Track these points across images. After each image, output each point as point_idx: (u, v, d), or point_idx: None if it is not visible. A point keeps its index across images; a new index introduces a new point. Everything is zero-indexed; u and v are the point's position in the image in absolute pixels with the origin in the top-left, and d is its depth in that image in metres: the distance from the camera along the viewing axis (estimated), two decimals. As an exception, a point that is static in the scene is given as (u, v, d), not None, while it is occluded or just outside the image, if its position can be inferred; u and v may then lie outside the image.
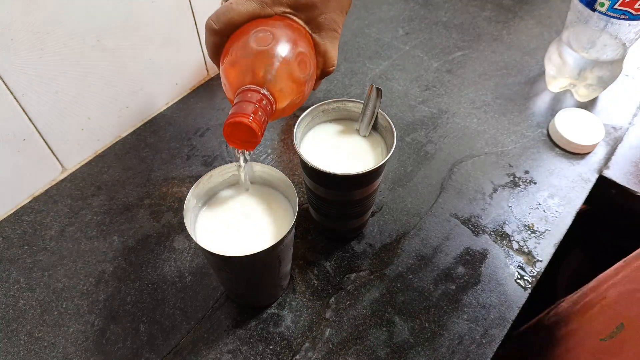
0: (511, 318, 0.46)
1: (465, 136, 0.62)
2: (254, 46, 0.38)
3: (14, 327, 0.45)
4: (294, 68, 0.38)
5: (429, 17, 0.79)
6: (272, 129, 0.62)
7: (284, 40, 0.39)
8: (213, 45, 0.42)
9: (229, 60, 0.39)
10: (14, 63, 0.46)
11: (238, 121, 0.34)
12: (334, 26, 0.43)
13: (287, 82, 0.38)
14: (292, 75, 0.38)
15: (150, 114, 0.64)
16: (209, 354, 0.43)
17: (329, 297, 0.47)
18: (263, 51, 0.37)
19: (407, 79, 0.69)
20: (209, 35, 0.41)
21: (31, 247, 0.51)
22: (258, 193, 0.41)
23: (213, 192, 0.42)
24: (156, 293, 0.47)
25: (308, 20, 0.42)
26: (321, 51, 0.43)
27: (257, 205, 0.41)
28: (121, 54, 0.55)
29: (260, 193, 0.42)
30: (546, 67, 0.65)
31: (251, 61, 0.37)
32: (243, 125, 0.34)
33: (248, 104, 0.35)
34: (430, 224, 0.53)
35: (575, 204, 0.55)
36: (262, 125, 0.35)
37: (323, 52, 0.43)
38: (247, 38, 0.38)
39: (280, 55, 0.38)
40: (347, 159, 0.44)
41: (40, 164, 0.54)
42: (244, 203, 0.41)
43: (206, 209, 0.41)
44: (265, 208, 0.40)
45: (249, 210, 0.40)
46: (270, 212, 0.40)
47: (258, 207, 0.40)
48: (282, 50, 0.38)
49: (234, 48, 0.39)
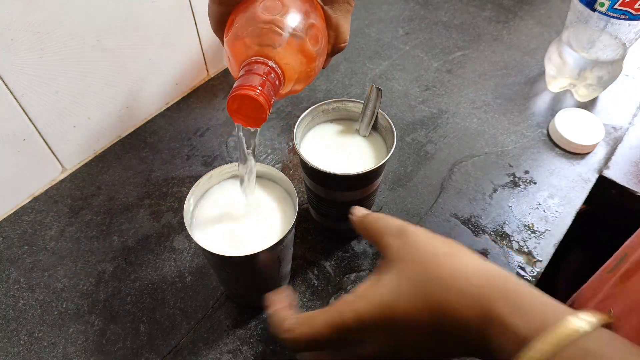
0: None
1: (465, 136, 0.62)
2: (262, 15, 0.35)
3: (14, 327, 0.45)
4: (304, 40, 0.35)
5: (429, 17, 0.79)
6: (272, 129, 0.62)
7: (294, 10, 0.35)
8: (217, 15, 0.38)
9: (234, 30, 0.36)
10: (14, 63, 0.46)
11: (244, 94, 0.31)
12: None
13: (297, 56, 0.35)
14: (302, 48, 0.35)
15: (150, 113, 0.64)
16: (209, 354, 0.43)
17: (329, 297, 0.47)
18: (271, 20, 0.34)
19: (407, 79, 0.69)
20: (212, 4, 0.38)
21: (31, 247, 0.51)
22: (258, 193, 0.41)
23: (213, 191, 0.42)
24: (156, 293, 0.47)
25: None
26: (333, 25, 0.40)
27: (257, 205, 0.41)
28: (121, 54, 0.55)
29: (261, 193, 0.42)
30: (546, 67, 0.65)
31: (258, 31, 0.34)
32: (249, 99, 0.32)
33: (255, 76, 0.32)
34: (430, 224, 0.53)
35: (575, 204, 0.55)
36: (270, 100, 0.33)
37: (335, 26, 0.40)
38: (254, 7, 0.35)
39: (290, 25, 0.34)
40: (347, 159, 0.44)
41: (40, 164, 0.54)
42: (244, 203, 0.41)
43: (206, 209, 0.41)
44: (266, 208, 0.40)
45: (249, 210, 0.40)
46: (270, 212, 0.40)
47: (258, 207, 0.40)
48: (292, 20, 0.35)
49: (239, 18, 0.36)
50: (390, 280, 0.28)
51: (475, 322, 0.25)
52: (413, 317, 0.27)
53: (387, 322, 0.27)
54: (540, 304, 0.24)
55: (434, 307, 0.26)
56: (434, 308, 0.26)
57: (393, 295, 0.27)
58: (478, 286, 0.26)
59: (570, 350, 0.22)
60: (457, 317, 0.26)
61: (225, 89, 0.67)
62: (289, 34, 0.34)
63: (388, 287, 0.28)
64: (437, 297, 0.26)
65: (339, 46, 0.42)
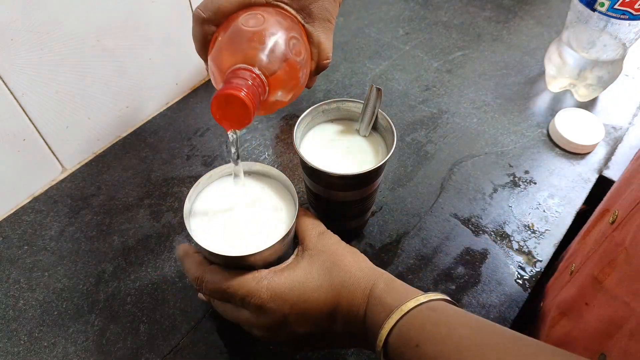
0: (511, 318, 0.46)
1: (465, 136, 0.62)
2: (245, 28, 0.36)
3: (14, 327, 0.45)
4: (287, 49, 0.37)
5: (429, 17, 0.79)
6: (272, 129, 0.62)
7: (275, 23, 0.37)
8: (200, 36, 0.40)
9: (218, 45, 0.37)
10: (14, 63, 0.46)
11: (229, 93, 0.31)
12: (327, 16, 0.42)
13: (280, 64, 0.36)
14: (285, 56, 0.36)
15: (151, 113, 0.64)
16: (209, 354, 0.43)
17: (329, 297, 0.47)
18: (255, 32, 0.36)
19: (407, 79, 0.69)
20: (196, 25, 0.40)
21: (31, 247, 0.51)
22: (258, 193, 0.41)
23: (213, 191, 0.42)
24: (156, 293, 0.47)
25: (300, 8, 0.41)
26: (314, 42, 0.42)
27: (257, 205, 0.41)
28: (121, 54, 0.55)
29: (260, 193, 0.42)
30: (546, 67, 0.65)
31: (242, 42, 0.35)
32: (234, 98, 0.31)
33: (239, 79, 0.33)
34: (430, 224, 0.53)
35: (575, 204, 0.55)
36: (254, 102, 0.33)
37: (317, 43, 0.42)
38: (236, 23, 0.37)
39: (272, 35, 0.36)
40: (347, 159, 0.44)
41: (40, 164, 0.54)
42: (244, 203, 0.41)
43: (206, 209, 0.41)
44: (265, 208, 0.40)
45: (249, 210, 0.40)
46: (270, 212, 0.40)
47: (258, 207, 0.40)
48: (274, 31, 0.36)
49: (222, 34, 0.37)
50: (305, 264, 0.36)
51: (362, 301, 0.34)
52: (318, 295, 0.34)
53: (294, 297, 0.34)
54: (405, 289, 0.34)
55: (336, 287, 0.35)
56: (336, 289, 0.35)
57: (306, 275, 0.35)
58: (367, 275, 0.35)
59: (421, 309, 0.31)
60: (351, 298, 0.34)
61: (225, 89, 0.67)
62: (273, 42, 0.36)
63: (302, 269, 0.36)
64: (340, 280, 0.35)
65: (322, 63, 0.44)
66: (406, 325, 0.31)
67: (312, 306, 0.34)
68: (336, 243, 0.38)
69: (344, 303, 0.34)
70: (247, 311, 0.35)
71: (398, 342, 0.31)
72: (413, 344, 0.29)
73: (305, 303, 0.34)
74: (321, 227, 0.39)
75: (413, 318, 0.31)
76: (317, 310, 0.34)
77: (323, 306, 0.35)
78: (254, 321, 0.35)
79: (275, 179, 0.42)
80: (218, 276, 0.35)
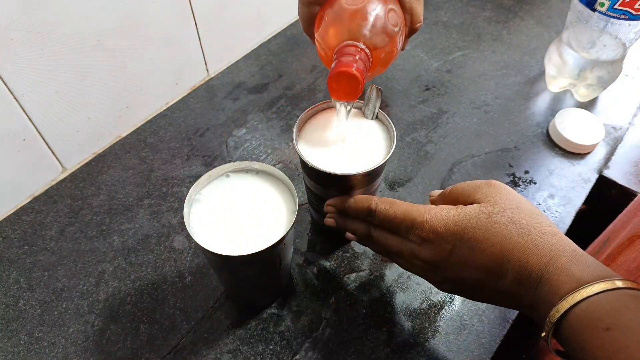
0: (511, 318, 0.46)
1: (465, 136, 0.62)
2: (347, 6, 0.41)
3: (14, 327, 0.45)
4: (386, 22, 0.41)
5: (429, 17, 0.79)
6: (272, 129, 0.62)
7: None
8: (306, 16, 0.44)
9: (324, 24, 0.42)
10: (14, 63, 0.46)
11: (342, 71, 0.36)
12: None
13: (381, 36, 0.40)
14: (385, 29, 0.41)
15: (150, 114, 0.64)
16: (209, 354, 0.43)
17: (329, 297, 0.47)
18: (357, 9, 0.40)
19: (407, 79, 0.69)
20: (302, 5, 0.44)
21: (31, 247, 0.51)
22: (258, 193, 0.41)
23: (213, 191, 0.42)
24: (156, 293, 0.47)
25: None
26: (407, 8, 0.45)
27: (256, 205, 0.41)
28: (121, 54, 0.55)
29: (260, 192, 0.42)
30: (546, 67, 0.65)
31: (347, 20, 0.40)
32: (347, 75, 0.37)
33: (348, 56, 0.38)
34: (430, 224, 0.53)
35: (575, 204, 0.55)
36: (363, 75, 0.37)
37: (409, 9, 0.45)
38: (339, 2, 0.42)
39: (372, 11, 0.40)
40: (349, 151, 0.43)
41: (40, 164, 0.54)
42: (245, 202, 0.41)
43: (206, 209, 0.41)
44: (265, 207, 0.40)
45: (249, 210, 0.40)
46: (270, 212, 0.40)
47: (258, 207, 0.40)
48: (374, 7, 0.41)
49: (327, 13, 0.42)
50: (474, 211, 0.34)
51: (537, 267, 0.31)
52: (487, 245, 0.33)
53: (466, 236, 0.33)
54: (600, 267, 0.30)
55: (508, 247, 0.32)
56: (508, 249, 0.32)
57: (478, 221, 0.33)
58: (548, 242, 0.31)
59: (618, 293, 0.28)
60: (523, 262, 0.31)
61: (226, 88, 0.67)
62: (373, 18, 0.40)
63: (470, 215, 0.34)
64: (514, 241, 0.32)
65: (415, 27, 0.47)
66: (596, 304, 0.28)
67: (478, 254, 0.33)
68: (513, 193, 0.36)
69: (514, 262, 0.32)
70: (412, 243, 0.36)
71: (581, 319, 0.28)
72: (602, 326, 0.27)
73: (472, 248, 0.33)
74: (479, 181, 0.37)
75: (605, 299, 0.28)
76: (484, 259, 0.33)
77: (491, 256, 0.33)
78: (418, 253, 0.36)
79: (275, 179, 0.42)
80: (393, 207, 0.37)
